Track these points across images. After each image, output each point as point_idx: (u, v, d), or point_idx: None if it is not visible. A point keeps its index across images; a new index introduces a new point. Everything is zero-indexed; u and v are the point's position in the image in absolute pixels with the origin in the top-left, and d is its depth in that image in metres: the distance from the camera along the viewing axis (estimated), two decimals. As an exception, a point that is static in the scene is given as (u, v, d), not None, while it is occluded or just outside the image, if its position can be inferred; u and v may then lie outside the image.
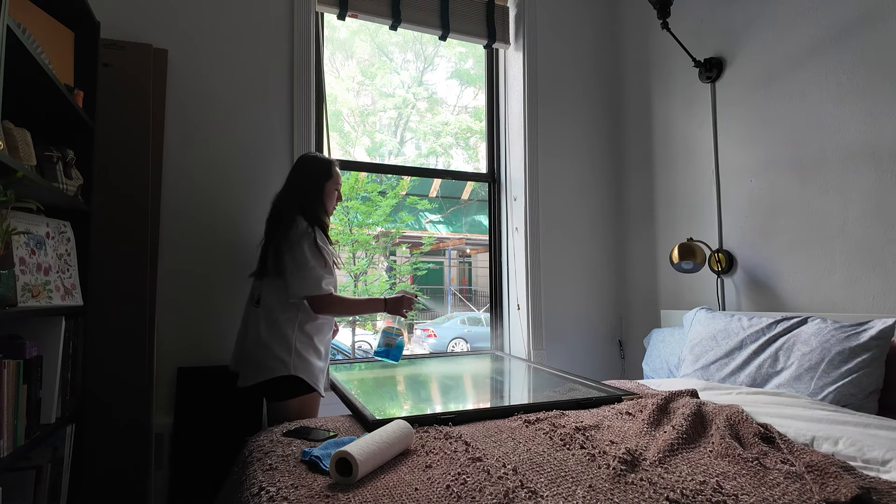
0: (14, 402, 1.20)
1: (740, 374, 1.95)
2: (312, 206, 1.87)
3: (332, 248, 1.89)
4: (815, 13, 2.12)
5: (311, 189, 1.89)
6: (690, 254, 2.38)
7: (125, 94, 2.03)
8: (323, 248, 1.80)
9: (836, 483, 1.03)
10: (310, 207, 1.86)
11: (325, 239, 1.84)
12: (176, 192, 2.21)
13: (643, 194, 2.93)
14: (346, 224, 4.62)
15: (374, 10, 2.60)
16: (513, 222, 2.93)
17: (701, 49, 2.59)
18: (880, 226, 1.91)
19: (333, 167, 1.95)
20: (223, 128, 2.31)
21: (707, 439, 1.31)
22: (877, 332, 1.69)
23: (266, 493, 1.07)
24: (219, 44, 2.32)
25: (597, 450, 1.23)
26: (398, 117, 5.45)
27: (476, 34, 2.85)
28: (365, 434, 1.25)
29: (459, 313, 6.64)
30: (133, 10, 2.20)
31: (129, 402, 1.96)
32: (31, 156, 1.36)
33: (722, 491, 1.02)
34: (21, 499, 1.38)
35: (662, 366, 2.40)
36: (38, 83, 1.39)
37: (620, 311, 3.05)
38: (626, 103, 3.07)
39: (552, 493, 1.02)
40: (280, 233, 1.81)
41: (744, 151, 2.39)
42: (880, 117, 1.91)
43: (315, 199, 1.89)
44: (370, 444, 1.15)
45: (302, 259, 1.76)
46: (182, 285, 2.19)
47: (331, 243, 1.91)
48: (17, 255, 1.33)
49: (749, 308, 2.34)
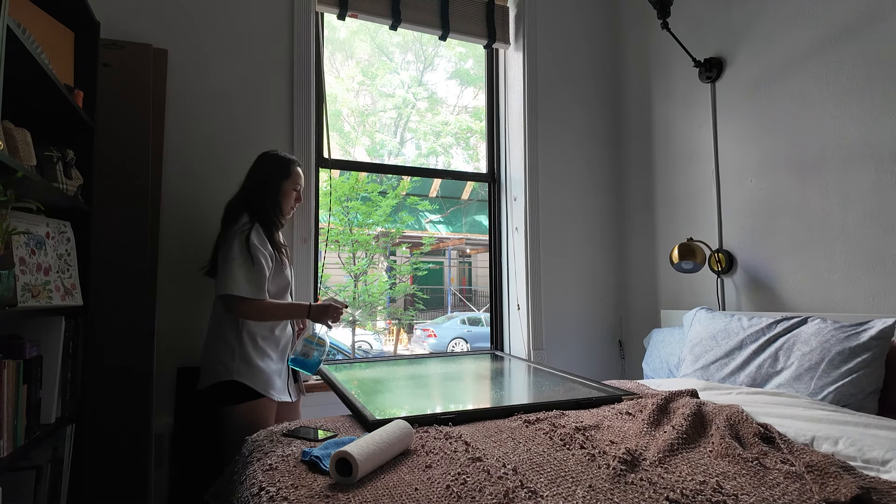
0: (14, 402, 1.20)
1: (740, 374, 1.95)
2: (263, 203, 1.81)
3: (281, 249, 1.82)
4: (815, 13, 2.13)
5: (266, 186, 1.83)
6: (690, 254, 2.38)
7: (125, 94, 2.03)
8: (257, 246, 1.71)
9: (836, 483, 1.03)
10: (260, 204, 1.80)
11: (264, 238, 1.76)
12: (176, 191, 2.21)
13: (643, 194, 2.93)
14: (346, 224, 4.62)
15: (373, 10, 2.60)
16: (513, 222, 2.94)
17: (701, 49, 2.59)
18: (880, 226, 1.91)
19: (293, 166, 1.89)
20: (223, 128, 2.31)
21: (707, 439, 1.31)
22: (877, 332, 1.70)
23: (266, 493, 1.07)
24: (219, 44, 2.32)
25: (597, 450, 1.23)
26: (398, 117, 5.46)
27: (476, 34, 2.85)
28: (365, 434, 1.25)
29: (459, 313, 6.65)
30: (133, 10, 2.20)
31: (129, 402, 1.96)
32: (31, 156, 1.36)
33: (722, 491, 1.02)
34: (21, 499, 1.38)
35: (662, 366, 2.40)
36: (38, 83, 1.39)
37: (620, 311, 3.05)
38: (626, 103, 3.07)
39: (552, 493, 1.02)
40: (222, 228, 1.77)
41: (744, 151, 2.39)
42: (880, 117, 1.91)
43: (269, 197, 1.82)
44: (370, 444, 1.15)
45: (228, 255, 1.68)
46: (182, 285, 2.19)
47: (282, 245, 1.85)
48: (17, 255, 1.33)
49: (749, 308, 2.34)
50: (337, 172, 4.35)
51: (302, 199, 1.96)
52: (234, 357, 1.71)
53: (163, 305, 2.15)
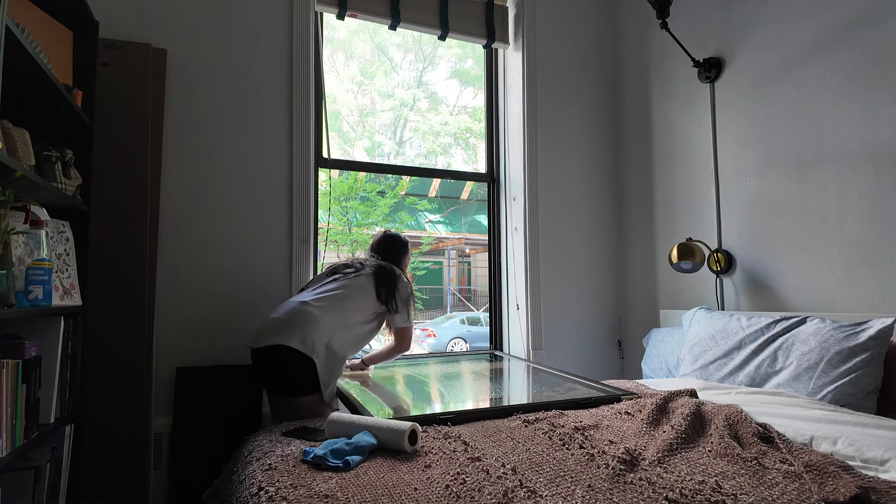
0: (13, 402, 1.20)
1: (739, 374, 1.95)
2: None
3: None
4: (814, 13, 2.13)
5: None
6: (689, 254, 2.38)
7: (124, 93, 2.03)
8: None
9: (835, 483, 1.03)
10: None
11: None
12: (175, 191, 2.21)
13: (642, 194, 2.93)
14: (345, 224, 4.62)
15: (373, 10, 2.60)
16: (512, 222, 2.94)
17: (700, 49, 2.59)
18: (879, 226, 1.91)
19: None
20: (222, 127, 2.30)
21: (706, 439, 1.31)
22: (875, 331, 1.70)
23: (265, 492, 1.07)
24: (218, 43, 2.32)
25: (596, 449, 1.23)
26: (398, 117, 5.45)
27: (475, 34, 2.85)
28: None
29: (459, 313, 6.65)
30: (132, 9, 2.19)
31: (128, 402, 1.96)
32: (29, 156, 1.36)
33: (721, 490, 1.02)
34: (20, 499, 1.38)
35: (661, 365, 2.40)
36: (37, 83, 1.39)
37: (620, 310, 3.05)
38: (626, 103, 3.07)
39: (551, 493, 1.02)
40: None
41: (743, 151, 2.39)
42: (879, 117, 1.91)
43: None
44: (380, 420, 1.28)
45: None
46: (181, 285, 2.19)
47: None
48: (16, 254, 1.32)
49: (748, 308, 2.35)
50: (336, 172, 4.35)
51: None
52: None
53: (162, 305, 2.14)
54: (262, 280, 2.32)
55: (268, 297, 2.29)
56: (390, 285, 1.98)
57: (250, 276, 2.30)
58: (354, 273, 1.98)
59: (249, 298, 2.28)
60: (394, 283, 1.99)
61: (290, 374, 1.74)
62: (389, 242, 2.18)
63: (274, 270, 2.34)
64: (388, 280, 1.99)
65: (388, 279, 1.99)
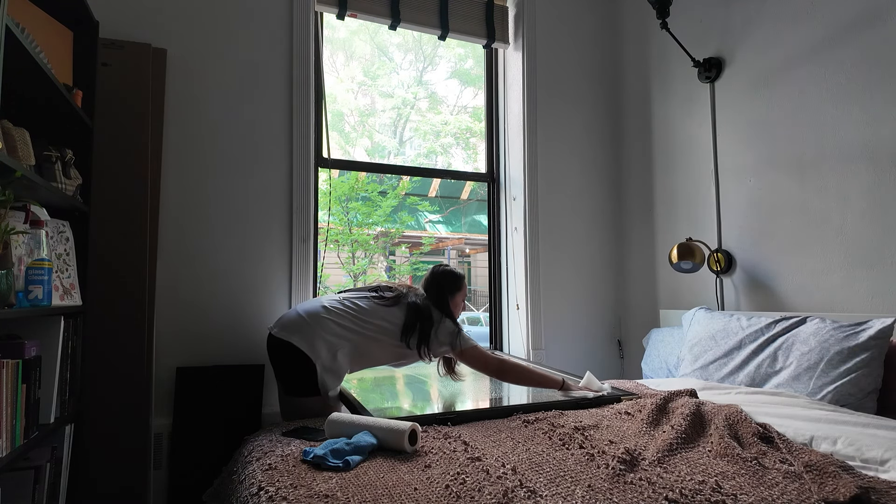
0: (13, 402, 1.20)
1: (739, 374, 1.95)
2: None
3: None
4: (814, 13, 2.13)
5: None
6: (689, 254, 2.38)
7: (124, 93, 2.03)
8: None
9: (835, 483, 1.03)
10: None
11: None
12: (175, 191, 2.21)
13: (642, 194, 2.93)
14: (345, 224, 4.62)
15: (373, 10, 2.60)
16: (512, 222, 2.93)
17: (700, 49, 2.59)
18: (879, 225, 1.91)
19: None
20: (222, 127, 2.30)
21: (706, 439, 1.31)
22: (875, 331, 1.70)
23: (265, 492, 1.07)
24: (218, 43, 2.32)
25: (596, 449, 1.23)
26: (398, 117, 5.45)
27: (475, 34, 2.85)
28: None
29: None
30: (132, 9, 2.19)
31: (128, 402, 1.96)
32: (29, 155, 1.36)
33: (721, 490, 1.02)
34: (20, 499, 1.38)
35: (661, 365, 2.40)
36: (37, 83, 1.39)
37: (619, 310, 3.05)
38: (626, 103, 3.07)
39: (551, 493, 1.02)
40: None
41: (743, 151, 2.39)
42: (879, 117, 1.91)
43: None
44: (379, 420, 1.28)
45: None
46: (181, 285, 2.19)
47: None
48: (16, 254, 1.32)
49: (748, 308, 2.35)
50: (336, 172, 4.34)
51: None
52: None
53: (162, 305, 2.14)
54: (263, 280, 2.32)
55: (268, 297, 2.30)
56: (424, 332, 1.86)
57: (250, 276, 2.30)
58: (390, 302, 1.90)
59: (249, 298, 2.29)
60: (427, 329, 1.87)
61: (293, 372, 1.76)
62: (433, 282, 2.01)
63: (274, 270, 2.34)
64: (423, 323, 1.87)
65: (423, 322, 1.87)
